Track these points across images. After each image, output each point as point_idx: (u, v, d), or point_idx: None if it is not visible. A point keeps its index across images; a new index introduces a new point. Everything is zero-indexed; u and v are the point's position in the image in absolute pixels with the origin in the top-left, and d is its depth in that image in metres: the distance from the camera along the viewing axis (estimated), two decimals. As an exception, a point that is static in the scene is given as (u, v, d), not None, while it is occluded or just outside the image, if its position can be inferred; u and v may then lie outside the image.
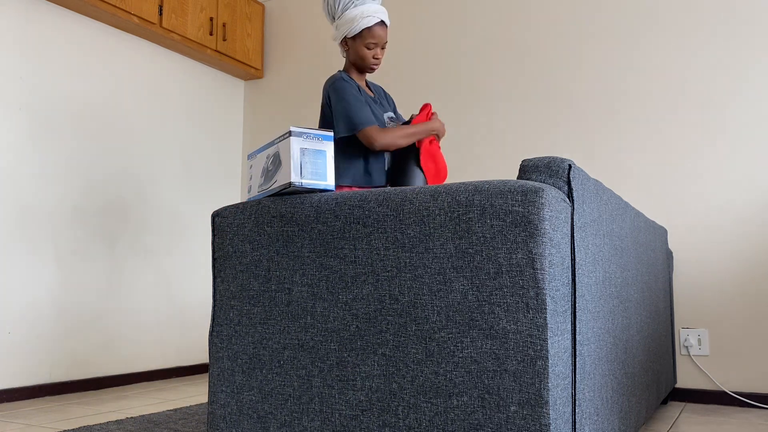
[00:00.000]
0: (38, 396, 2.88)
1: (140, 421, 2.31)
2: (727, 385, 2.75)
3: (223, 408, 1.36)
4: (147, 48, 3.56)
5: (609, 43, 3.13)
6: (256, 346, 1.34)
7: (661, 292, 2.36)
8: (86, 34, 3.24)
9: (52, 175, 3.02)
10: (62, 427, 2.27)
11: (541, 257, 1.08)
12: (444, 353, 1.13)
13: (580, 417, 1.18)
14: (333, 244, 1.27)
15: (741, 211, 2.78)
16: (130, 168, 3.41)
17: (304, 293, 1.29)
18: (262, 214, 1.37)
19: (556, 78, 3.24)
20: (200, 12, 3.65)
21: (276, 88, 4.14)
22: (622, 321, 1.60)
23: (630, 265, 1.73)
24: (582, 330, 1.22)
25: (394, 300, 1.19)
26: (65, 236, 3.05)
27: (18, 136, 2.89)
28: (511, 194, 1.11)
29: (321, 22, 4.01)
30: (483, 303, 1.11)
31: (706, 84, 2.90)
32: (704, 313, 2.81)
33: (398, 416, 1.17)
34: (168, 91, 3.68)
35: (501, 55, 3.40)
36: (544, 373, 1.05)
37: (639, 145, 3.01)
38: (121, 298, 3.31)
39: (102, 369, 3.19)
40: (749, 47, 2.83)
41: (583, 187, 1.26)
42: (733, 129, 2.83)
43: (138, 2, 3.25)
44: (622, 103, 3.07)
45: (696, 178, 2.88)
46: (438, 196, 1.17)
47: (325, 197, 1.31)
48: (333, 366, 1.24)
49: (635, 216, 1.87)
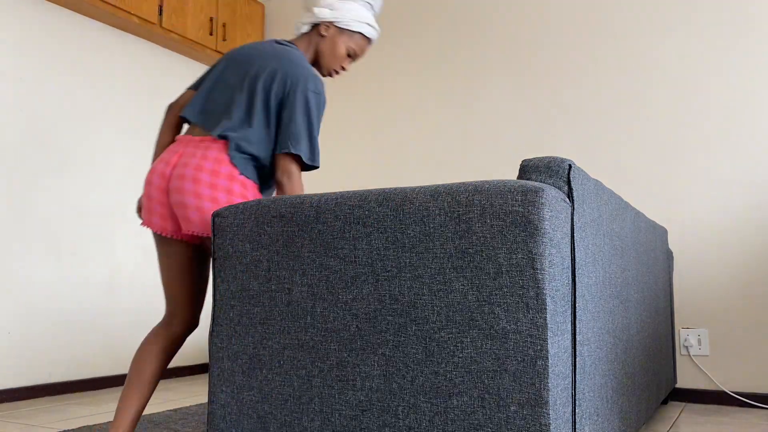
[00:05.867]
0: (38, 396, 2.88)
1: (140, 421, 2.31)
2: (727, 385, 2.75)
3: (223, 408, 1.36)
4: (147, 48, 3.56)
5: (609, 43, 3.13)
6: (256, 346, 1.34)
7: (661, 292, 2.36)
8: (86, 34, 3.24)
9: (52, 175, 3.02)
10: (62, 427, 2.27)
11: (541, 257, 1.08)
12: (444, 353, 1.13)
13: (580, 417, 1.18)
14: (333, 244, 1.27)
15: (741, 212, 2.78)
16: (129, 167, 3.41)
17: (304, 293, 1.29)
18: (262, 214, 1.37)
19: (557, 78, 3.24)
20: (200, 12, 3.65)
21: (276, 88, 4.13)
22: (622, 321, 1.60)
23: (630, 265, 1.73)
24: (582, 330, 1.22)
25: (394, 300, 1.19)
26: (65, 236, 3.05)
27: (18, 136, 2.88)
28: (511, 194, 1.11)
29: (321, 22, 4.01)
30: (483, 303, 1.11)
31: (706, 84, 2.90)
32: (704, 313, 2.81)
33: (398, 416, 1.17)
34: (168, 91, 3.68)
35: (501, 55, 3.40)
36: (544, 373, 1.05)
37: (639, 145, 3.02)
38: (121, 298, 3.31)
39: (102, 369, 3.19)
40: (750, 47, 2.83)
41: (583, 187, 1.26)
42: (733, 129, 2.83)
43: (138, 2, 3.25)
44: (622, 103, 3.07)
45: (696, 178, 2.88)
46: (438, 196, 1.17)
47: (325, 197, 1.31)
48: (333, 366, 1.24)
49: (635, 216, 1.87)
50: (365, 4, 1.72)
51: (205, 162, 1.54)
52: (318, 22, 1.70)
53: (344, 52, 1.72)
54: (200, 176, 1.53)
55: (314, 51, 1.73)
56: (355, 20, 1.68)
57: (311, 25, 1.71)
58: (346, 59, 1.74)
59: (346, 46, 1.71)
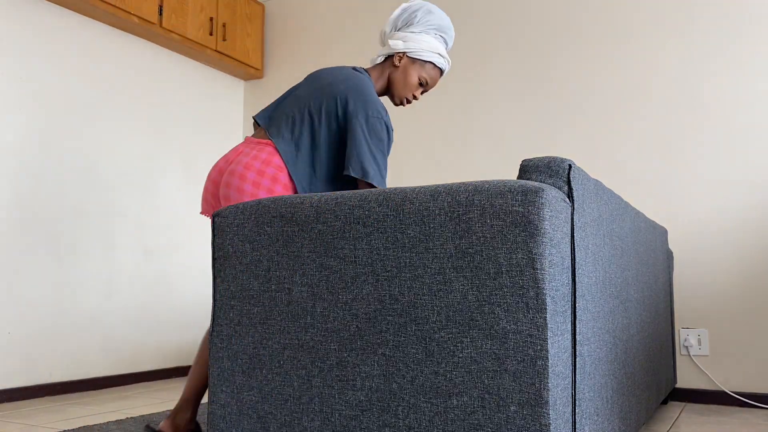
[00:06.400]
0: (38, 396, 2.88)
1: (140, 421, 2.32)
2: (727, 385, 2.75)
3: (223, 408, 1.36)
4: (147, 48, 3.56)
5: (609, 43, 3.13)
6: (256, 346, 1.34)
7: (661, 292, 2.36)
8: (86, 34, 3.24)
9: (52, 175, 3.02)
10: (62, 427, 2.27)
11: (541, 257, 1.08)
12: (444, 353, 1.13)
13: (580, 417, 1.18)
14: (333, 244, 1.27)
15: (741, 212, 2.78)
16: (130, 167, 3.41)
17: (304, 293, 1.29)
18: (262, 214, 1.37)
19: (557, 78, 3.24)
20: (200, 12, 3.65)
21: (276, 88, 4.14)
22: (622, 321, 1.60)
23: (630, 265, 1.73)
24: (582, 330, 1.22)
25: (394, 300, 1.19)
26: (65, 236, 3.05)
27: (18, 136, 2.89)
28: (511, 194, 1.11)
29: (321, 22, 4.01)
30: (483, 303, 1.11)
31: (707, 84, 2.90)
32: (704, 313, 2.81)
33: (398, 416, 1.17)
34: (168, 91, 3.68)
35: (501, 55, 3.40)
36: (544, 373, 1.05)
37: (639, 145, 3.02)
38: (121, 298, 3.32)
39: (102, 369, 3.19)
40: (750, 47, 2.83)
41: (583, 187, 1.26)
42: (733, 129, 2.83)
43: (138, 2, 3.25)
44: (622, 103, 3.08)
45: (696, 178, 2.88)
46: (438, 196, 1.17)
47: (325, 197, 1.31)
48: (333, 366, 1.24)
49: (635, 216, 1.87)
50: (438, 37, 1.79)
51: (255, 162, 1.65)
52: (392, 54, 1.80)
53: (416, 81, 1.79)
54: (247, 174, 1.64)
55: (387, 80, 1.82)
56: (426, 50, 1.76)
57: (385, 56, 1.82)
58: (417, 88, 1.82)
59: (418, 75, 1.79)
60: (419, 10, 1.78)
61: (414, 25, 1.77)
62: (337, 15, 3.96)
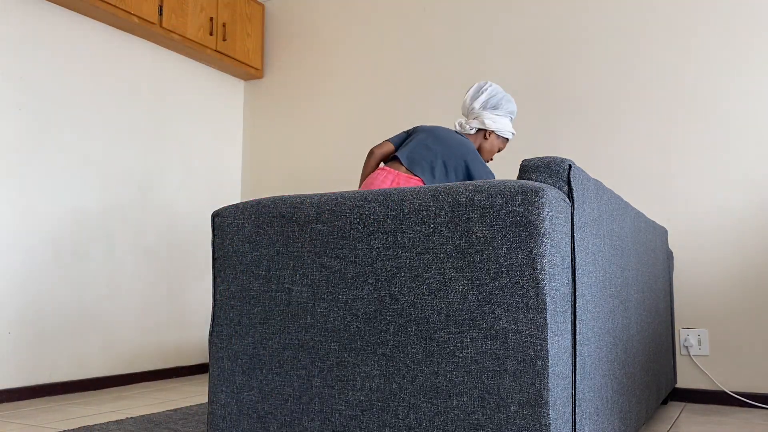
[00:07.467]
0: (38, 396, 2.88)
1: (140, 421, 2.32)
2: (727, 385, 2.75)
3: (223, 408, 1.37)
4: (147, 48, 3.56)
5: (609, 43, 3.13)
6: (256, 346, 1.34)
7: (661, 292, 2.36)
8: (86, 34, 3.24)
9: (52, 175, 3.02)
10: (62, 427, 2.27)
11: (541, 257, 1.08)
12: (444, 353, 1.13)
13: (580, 417, 1.18)
14: (333, 244, 1.27)
15: (741, 212, 2.78)
16: (129, 168, 3.41)
17: (304, 293, 1.29)
18: (262, 214, 1.37)
19: (556, 78, 3.24)
20: (200, 12, 3.65)
21: (276, 88, 4.14)
22: (622, 321, 1.60)
23: (630, 265, 1.73)
24: (582, 330, 1.22)
25: (394, 300, 1.19)
26: (65, 236, 3.05)
27: (18, 136, 2.89)
28: (511, 194, 1.11)
29: (321, 22, 4.02)
30: (483, 303, 1.11)
31: (707, 84, 2.90)
32: (704, 313, 2.81)
33: (398, 416, 1.17)
34: (168, 91, 3.68)
35: (500, 55, 3.40)
36: (544, 373, 1.05)
37: (639, 145, 3.02)
38: (121, 298, 3.32)
39: (102, 369, 3.19)
40: (750, 47, 2.83)
41: (583, 187, 1.26)
42: (733, 129, 2.83)
43: (138, 2, 3.25)
44: (622, 103, 3.07)
45: (696, 178, 2.88)
46: (438, 196, 1.17)
47: (325, 197, 1.31)
48: (333, 366, 1.24)
49: (635, 216, 1.87)
50: (511, 119, 2.43)
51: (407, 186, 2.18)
52: (485, 129, 2.41)
53: (497, 151, 2.46)
54: None
55: (482, 147, 2.44)
56: (506, 130, 2.40)
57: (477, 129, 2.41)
58: (495, 152, 2.49)
59: (499, 147, 2.45)
60: (503, 97, 2.39)
61: (499, 109, 2.38)
62: (337, 15, 3.96)
